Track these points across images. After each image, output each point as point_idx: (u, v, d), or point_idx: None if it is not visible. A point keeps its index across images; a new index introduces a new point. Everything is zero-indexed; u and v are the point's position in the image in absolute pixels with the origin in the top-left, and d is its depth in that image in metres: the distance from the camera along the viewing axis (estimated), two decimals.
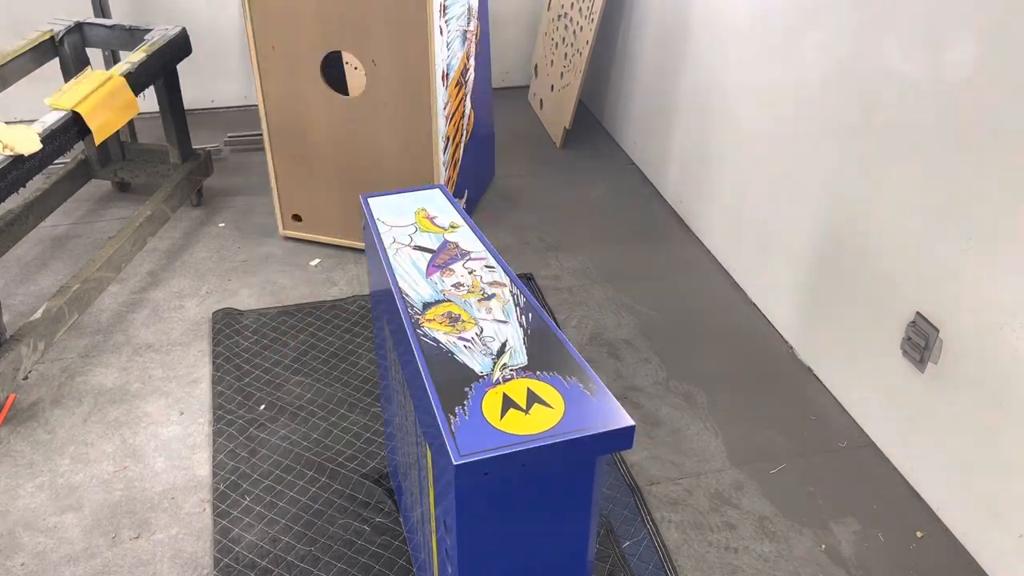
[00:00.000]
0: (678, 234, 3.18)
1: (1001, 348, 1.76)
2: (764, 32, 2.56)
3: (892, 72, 2.00)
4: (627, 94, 3.73)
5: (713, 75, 2.92)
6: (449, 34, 2.67)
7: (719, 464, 2.15)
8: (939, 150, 1.88)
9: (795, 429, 2.26)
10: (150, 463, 2.10)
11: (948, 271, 1.88)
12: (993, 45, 1.71)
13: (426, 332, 1.28)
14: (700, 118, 3.04)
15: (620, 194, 3.46)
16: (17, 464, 2.08)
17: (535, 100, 4.22)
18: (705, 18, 2.95)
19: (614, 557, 1.87)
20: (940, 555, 1.92)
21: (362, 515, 1.96)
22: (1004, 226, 1.73)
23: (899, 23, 1.96)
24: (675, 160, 3.29)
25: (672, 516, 1.99)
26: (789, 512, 2.02)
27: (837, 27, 2.20)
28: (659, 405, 2.34)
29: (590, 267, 2.96)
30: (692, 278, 2.93)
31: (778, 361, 2.53)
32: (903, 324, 2.04)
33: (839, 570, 1.88)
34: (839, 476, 2.12)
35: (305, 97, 2.70)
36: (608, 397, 1.16)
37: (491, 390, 1.16)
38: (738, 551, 1.91)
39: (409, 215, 1.61)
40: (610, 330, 2.64)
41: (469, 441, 1.07)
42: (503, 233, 3.14)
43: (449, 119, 2.81)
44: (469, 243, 1.52)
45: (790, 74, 2.43)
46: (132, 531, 1.92)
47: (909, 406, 2.06)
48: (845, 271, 2.26)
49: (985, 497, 1.86)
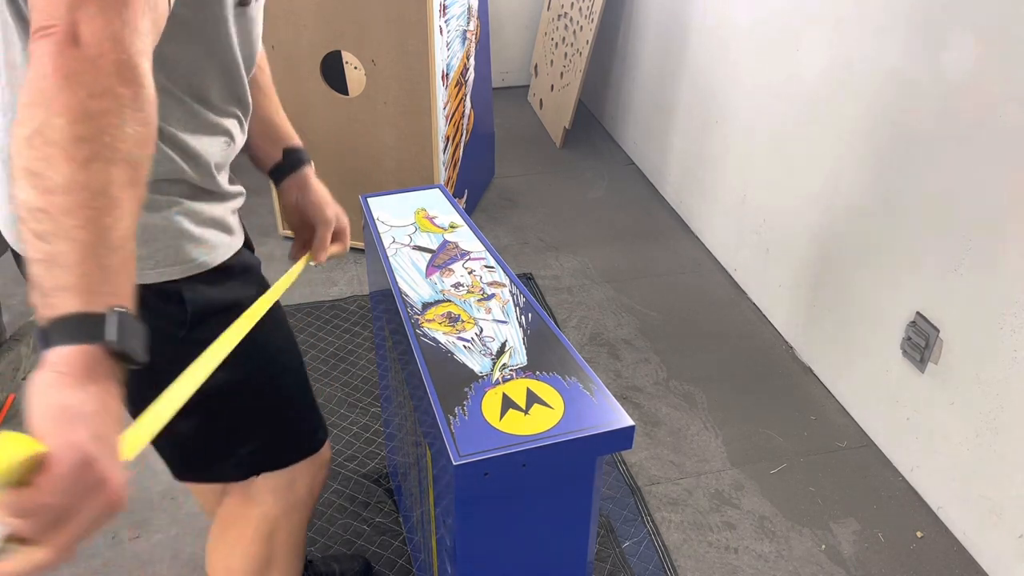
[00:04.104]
0: (678, 234, 3.18)
1: (1001, 348, 1.76)
2: (764, 32, 2.56)
3: (892, 72, 2.00)
4: (627, 94, 3.73)
5: (713, 75, 2.92)
6: (449, 34, 2.67)
7: (719, 464, 2.15)
8: (939, 150, 1.88)
9: (795, 429, 2.26)
10: (150, 463, 2.10)
11: (948, 271, 1.88)
12: (993, 45, 1.71)
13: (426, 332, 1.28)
14: (700, 118, 3.04)
15: (620, 194, 3.46)
16: None
17: (535, 100, 4.22)
18: (705, 18, 2.95)
19: (614, 557, 1.87)
20: (940, 555, 1.92)
21: (362, 515, 1.96)
22: (1004, 226, 1.73)
23: (899, 23, 1.96)
24: (675, 160, 3.29)
25: (672, 516, 1.99)
26: (789, 512, 2.02)
27: (837, 27, 2.20)
28: (659, 405, 2.34)
29: (590, 267, 2.96)
30: (692, 278, 2.92)
31: (778, 361, 2.53)
32: (903, 324, 2.04)
33: (839, 570, 1.88)
34: (839, 476, 2.12)
35: (305, 97, 2.70)
36: (608, 397, 1.16)
37: (491, 390, 1.16)
38: (738, 551, 1.91)
39: (409, 215, 1.61)
40: (610, 330, 2.64)
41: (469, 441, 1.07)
42: (503, 233, 3.14)
43: (449, 119, 2.81)
44: (469, 243, 1.52)
45: (790, 74, 2.43)
46: (132, 531, 1.92)
47: (909, 406, 2.06)
48: (845, 271, 2.26)
49: (985, 497, 1.86)
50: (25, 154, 0.62)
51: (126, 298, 0.65)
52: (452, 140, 2.88)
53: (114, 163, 0.64)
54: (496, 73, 4.31)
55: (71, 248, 0.61)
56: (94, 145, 0.62)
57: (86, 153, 0.62)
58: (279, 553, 1.29)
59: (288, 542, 1.30)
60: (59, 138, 0.61)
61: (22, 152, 0.62)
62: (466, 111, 3.00)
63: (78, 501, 0.58)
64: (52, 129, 0.61)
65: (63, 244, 0.61)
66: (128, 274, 0.66)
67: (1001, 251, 1.74)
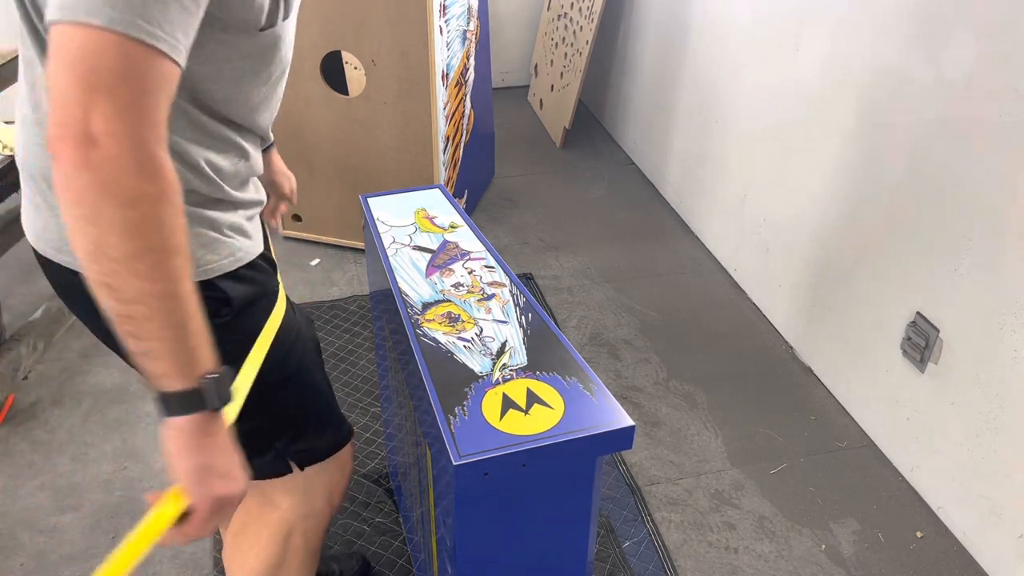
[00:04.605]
0: (678, 234, 3.18)
1: (1001, 348, 1.76)
2: (764, 32, 2.56)
3: (892, 72, 2.00)
4: (627, 94, 3.73)
5: (713, 75, 2.92)
6: (449, 34, 2.67)
7: (719, 464, 2.15)
8: (939, 150, 1.88)
9: (795, 429, 2.26)
10: (150, 463, 2.10)
11: (948, 271, 1.88)
12: (993, 45, 1.71)
13: (426, 332, 1.28)
14: (700, 118, 3.04)
15: (620, 194, 3.46)
16: (17, 464, 2.08)
17: (535, 100, 4.22)
18: (705, 18, 2.95)
19: (614, 557, 1.87)
20: (940, 555, 1.92)
21: (362, 515, 1.96)
22: (1004, 226, 1.73)
23: (899, 23, 1.96)
24: (675, 160, 3.29)
25: (672, 516, 1.99)
26: (789, 512, 2.02)
27: (837, 27, 2.20)
28: (659, 405, 2.34)
29: (590, 267, 2.96)
30: (692, 278, 2.93)
31: (778, 361, 2.53)
32: (903, 324, 2.04)
33: (839, 570, 1.88)
34: (839, 476, 2.12)
35: (305, 97, 2.70)
36: (608, 397, 1.16)
37: (491, 390, 1.16)
38: (738, 551, 1.91)
39: (409, 215, 1.61)
40: (610, 330, 2.64)
41: (469, 441, 1.07)
42: (503, 233, 3.14)
43: (449, 119, 2.81)
44: (469, 243, 1.52)
45: (790, 74, 2.43)
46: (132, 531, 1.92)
47: (909, 406, 2.06)
48: (845, 271, 2.26)
49: (985, 497, 1.86)
50: (94, 268, 0.73)
51: (211, 361, 0.80)
52: (452, 140, 2.88)
53: (169, 258, 0.73)
54: (496, 73, 4.31)
55: (160, 345, 0.76)
56: (149, 256, 0.72)
57: (146, 266, 0.72)
58: (292, 558, 1.30)
59: (303, 547, 1.31)
60: (118, 255, 0.71)
61: (91, 266, 0.73)
62: (466, 111, 3.00)
63: (215, 521, 0.85)
64: (109, 247, 0.71)
65: (153, 343, 0.75)
66: (207, 340, 0.80)
67: (1001, 251, 1.74)
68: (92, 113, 0.69)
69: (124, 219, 0.71)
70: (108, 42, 0.70)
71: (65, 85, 0.70)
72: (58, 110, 0.70)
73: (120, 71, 0.71)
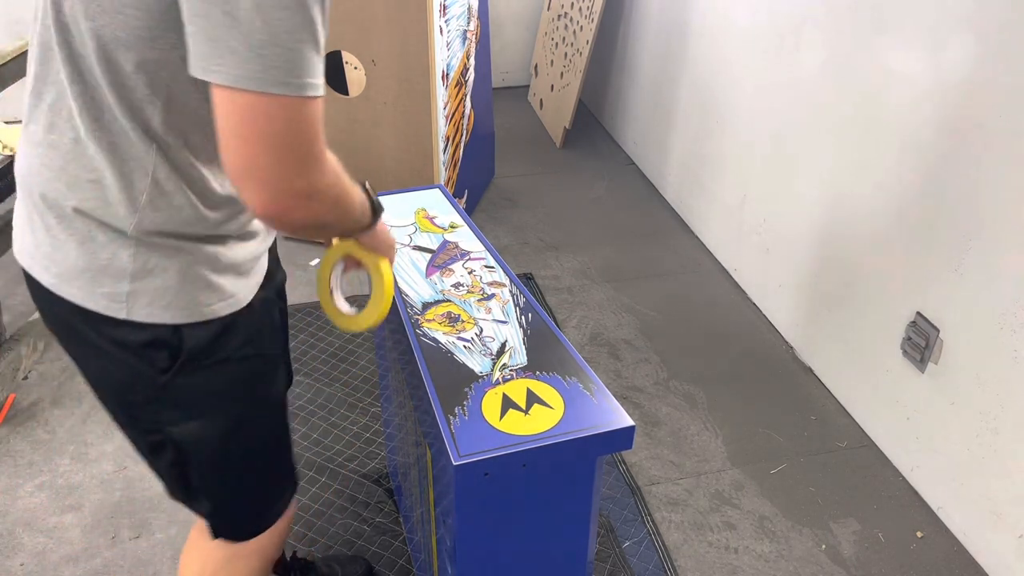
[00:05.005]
0: (678, 234, 3.18)
1: (1001, 348, 1.76)
2: (764, 32, 2.56)
3: (891, 72, 2.00)
4: (627, 94, 3.73)
5: (713, 75, 2.92)
6: (449, 34, 2.67)
7: (719, 464, 2.15)
8: (939, 150, 1.88)
9: (795, 429, 2.26)
10: None
11: (948, 271, 1.88)
12: (993, 45, 1.71)
13: (426, 332, 1.28)
14: (700, 118, 3.04)
15: (620, 194, 3.46)
16: (17, 464, 2.08)
17: (535, 100, 4.22)
18: (705, 18, 2.95)
19: (614, 557, 1.87)
20: (940, 555, 1.92)
21: (362, 515, 1.96)
22: (1004, 226, 1.73)
23: (899, 23, 1.96)
24: (675, 160, 3.29)
25: (672, 516, 1.99)
26: (789, 512, 2.02)
27: (837, 27, 2.20)
28: (659, 405, 2.34)
29: (590, 267, 2.96)
30: (692, 278, 2.93)
31: (778, 361, 2.53)
32: (903, 324, 2.04)
33: (839, 570, 1.88)
34: (839, 476, 2.12)
35: None
36: (608, 397, 1.16)
37: (491, 390, 1.16)
38: (738, 551, 1.91)
39: (409, 215, 1.61)
40: (610, 330, 2.64)
41: (469, 441, 1.07)
42: (503, 233, 3.14)
43: (449, 119, 2.81)
44: (469, 243, 1.52)
45: (790, 74, 2.43)
46: (132, 531, 1.92)
47: (909, 406, 2.06)
48: (845, 271, 2.26)
49: (985, 497, 1.86)
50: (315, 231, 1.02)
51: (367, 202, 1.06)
52: (452, 140, 2.88)
53: (352, 199, 0.98)
54: (496, 73, 4.31)
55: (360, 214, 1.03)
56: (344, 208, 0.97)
57: (343, 210, 0.96)
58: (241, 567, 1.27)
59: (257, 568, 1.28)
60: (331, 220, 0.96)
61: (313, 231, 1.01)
62: (466, 111, 3.00)
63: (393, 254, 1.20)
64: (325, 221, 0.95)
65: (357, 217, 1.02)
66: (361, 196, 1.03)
67: (1001, 251, 1.74)
68: (310, 178, 0.83)
69: (328, 216, 0.93)
70: (298, 108, 0.79)
71: (270, 157, 0.79)
72: (273, 181, 0.81)
73: (314, 133, 0.81)
